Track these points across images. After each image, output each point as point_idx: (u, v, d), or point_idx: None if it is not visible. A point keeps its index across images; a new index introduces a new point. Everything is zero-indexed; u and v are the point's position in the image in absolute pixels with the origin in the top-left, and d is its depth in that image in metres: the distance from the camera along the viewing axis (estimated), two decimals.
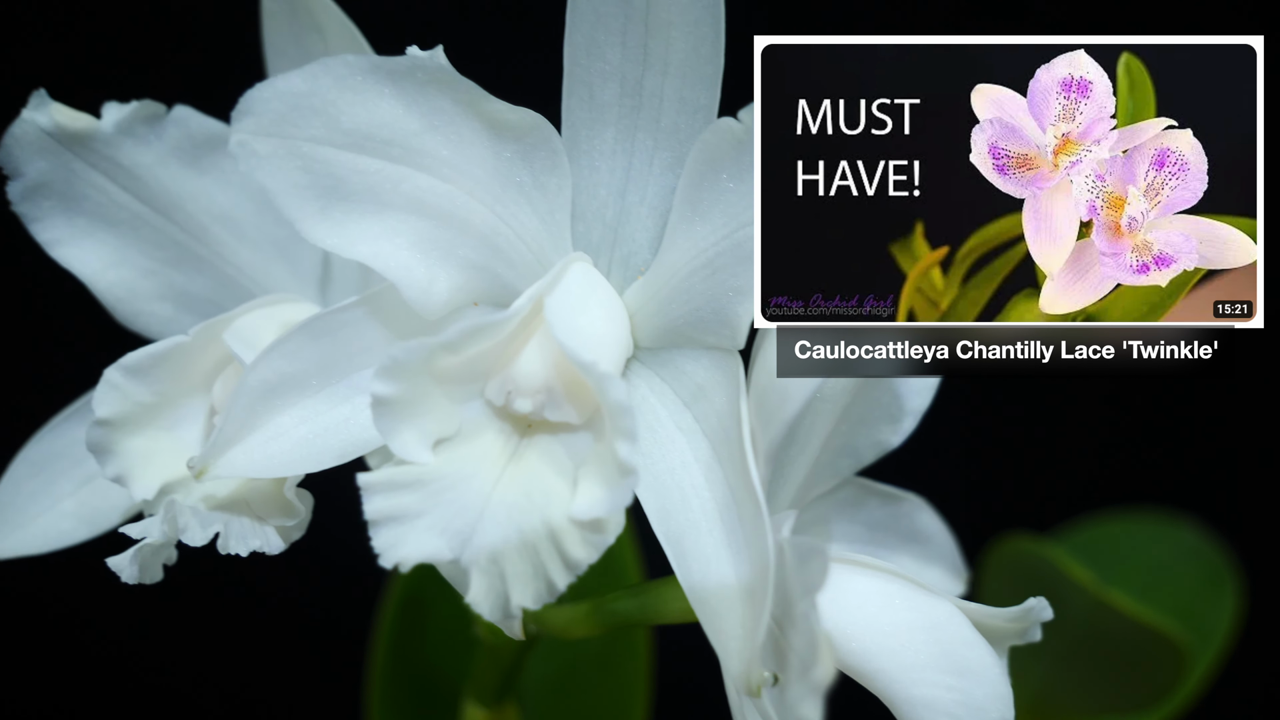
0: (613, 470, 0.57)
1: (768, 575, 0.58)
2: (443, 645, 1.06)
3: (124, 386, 0.67)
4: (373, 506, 0.58)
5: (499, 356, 0.61)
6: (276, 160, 0.59)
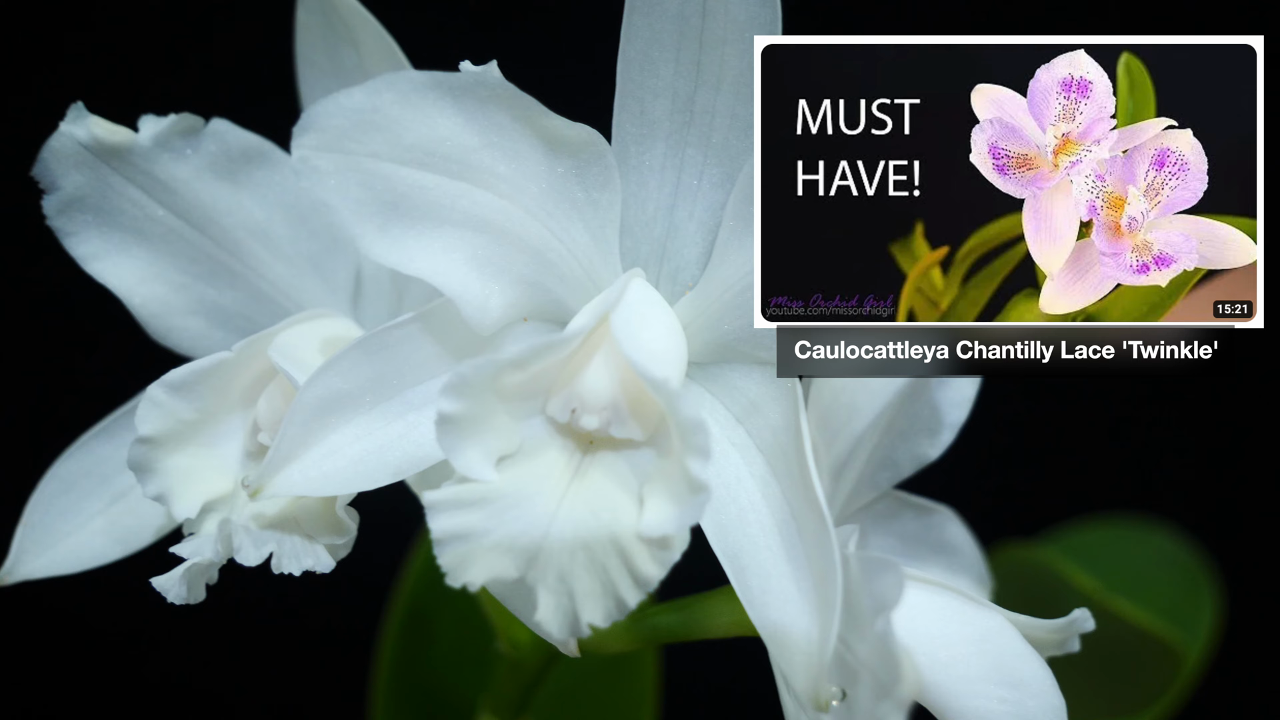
0: (682, 487, 0.57)
1: (835, 591, 0.58)
2: (448, 658, 1.06)
3: (166, 403, 0.66)
4: (438, 525, 0.58)
5: (561, 373, 0.61)
6: (338, 176, 0.59)
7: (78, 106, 0.68)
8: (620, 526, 0.58)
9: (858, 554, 0.58)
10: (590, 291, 0.65)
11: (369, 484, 0.62)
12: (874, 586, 0.56)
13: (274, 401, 0.67)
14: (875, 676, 0.55)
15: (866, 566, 0.57)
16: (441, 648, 1.06)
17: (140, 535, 0.72)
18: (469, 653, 1.06)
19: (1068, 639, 0.68)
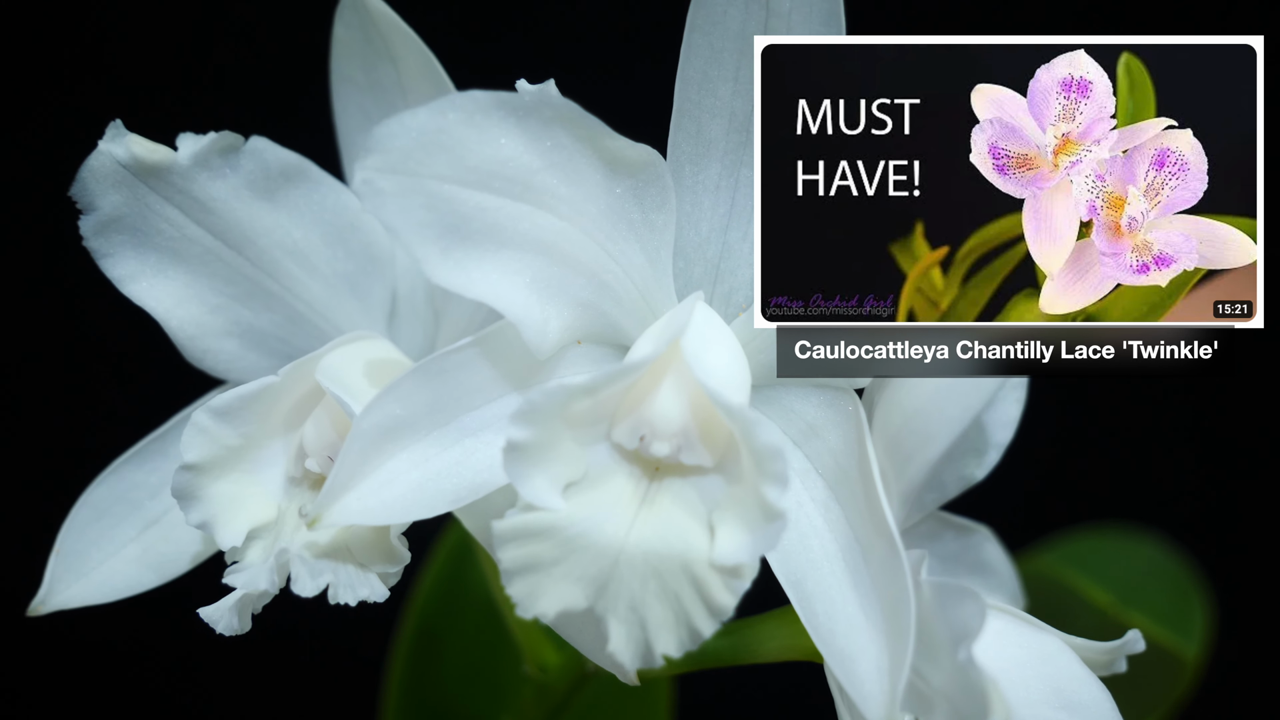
0: (757, 514, 0.56)
1: (908, 619, 0.57)
2: (458, 677, 1.04)
3: (212, 430, 0.65)
4: (508, 556, 0.57)
5: (626, 398, 0.60)
6: (401, 199, 0.58)
7: (116, 125, 0.67)
8: (693, 554, 0.57)
9: (931, 580, 0.57)
10: (645, 314, 0.65)
11: (427, 512, 0.61)
12: (952, 615, 0.56)
13: (322, 427, 0.66)
14: (956, 707, 0.55)
15: (942, 594, 0.57)
16: (452, 667, 1.04)
17: (176, 563, 0.71)
18: (480, 672, 1.05)
19: (1115, 660, 0.68)
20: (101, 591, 0.70)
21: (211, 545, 0.71)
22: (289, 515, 0.66)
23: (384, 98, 0.73)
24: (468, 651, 1.04)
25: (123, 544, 0.71)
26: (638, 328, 0.65)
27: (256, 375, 0.72)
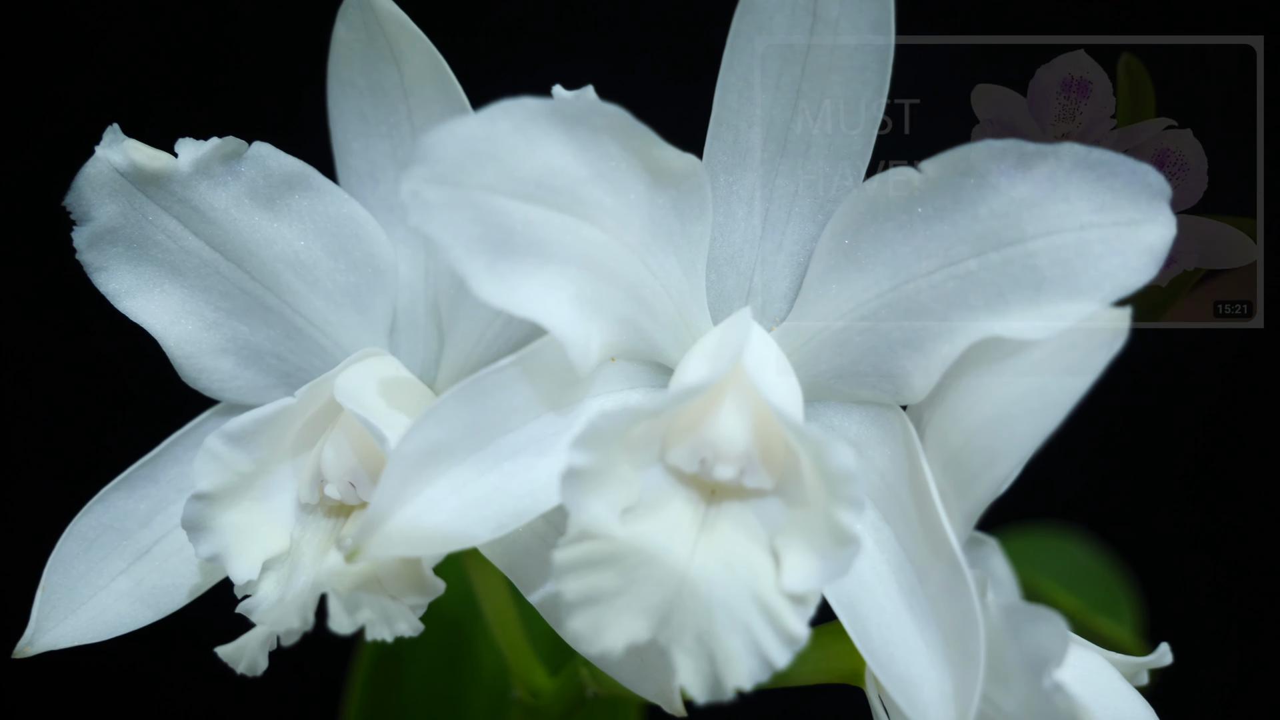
0: (826, 539, 0.54)
1: (976, 644, 0.56)
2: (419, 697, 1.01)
3: (225, 456, 0.61)
4: (570, 588, 0.54)
5: (681, 420, 0.57)
6: (449, 211, 0.54)
7: (114, 129, 0.62)
8: (760, 582, 0.55)
9: (1000, 603, 0.56)
10: (680, 329, 0.62)
11: (469, 540, 0.58)
12: (1026, 639, 0.54)
13: (341, 451, 0.62)
14: None
15: (1014, 617, 0.55)
16: (413, 689, 1.01)
17: (172, 596, 0.66)
18: (442, 694, 1.01)
19: (1139, 673, 0.68)
20: (93, 629, 0.66)
21: (212, 578, 0.67)
22: (304, 545, 0.62)
23: (384, 101, 0.69)
24: (429, 673, 1.01)
25: (112, 577, 0.67)
26: (673, 343, 0.62)
27: (252, 394, 0.68)
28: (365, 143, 0.70)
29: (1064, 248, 0.57)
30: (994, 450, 0.56)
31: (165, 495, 0.68)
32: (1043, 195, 0.57)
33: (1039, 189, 0.57)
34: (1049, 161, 0.57)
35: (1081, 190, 0.57)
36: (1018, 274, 0.58)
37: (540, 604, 0.65)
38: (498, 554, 0.65)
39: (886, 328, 0.61)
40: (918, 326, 0.60)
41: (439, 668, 1.01)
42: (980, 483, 0.57)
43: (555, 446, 0.60)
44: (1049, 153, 0.57)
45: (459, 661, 1.02)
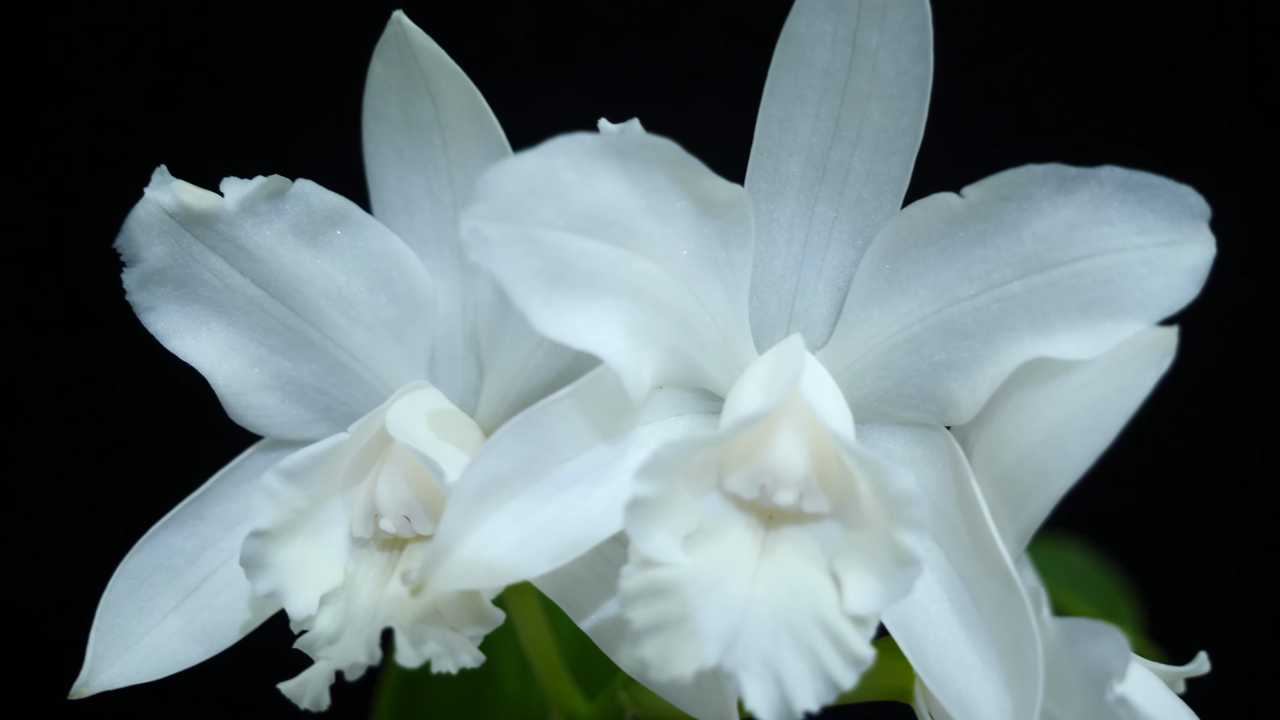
0: (888, 561, 0.55)
1: (1034, 659, 0.57)
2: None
3: (282, 493, 0.61)
4: (638, 616, 0.55)
5: (738, 447, 0.58)
6: (508, 247, 0.55)
7: (161, 170, 0.63)
8: (824, 605, 0.56)
9: (1056, 619, 0.57)
10: (726, 357, 0.63)
11: (530, 571, 0.58)
12: (1086, 653, 0.55)
13: (395, 484, 0.63)
14: None
15: (1072, 632, 0.56)
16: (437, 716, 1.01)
17: (225, 633, 0.67)
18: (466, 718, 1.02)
19: (1177, 681, 0.69)
20: (147, 668, 0.66)
21: (263, 613, 0.67)
22: (360, 579, 0.63)
23: (420, 135, 0.70)
24: (455, 698, 1.01)
25: (163, 615, 0.67)
26: (719, 370, 0.63)
27: (295, 429, 0.68)
28: (400, 177, 0.70)
29: (1108, 269, 0.58)
30: (1046, 470, 0.57)
31: (212, 532, 0.68)
32: (1085, 218, 0.58)
33: (1081, 211, 0.58)
34: (1091, 185, 0.58)
35: (1123, 212, 0.58)
36: (1062, 296, 0.59)
37: (593, 631, 0.65)
38: (548, 582, 0.65)
39: (929, 351, 0.62)
40: (962, 349, 0.61)
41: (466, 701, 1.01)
42: (1032, 501, 0.58)
43: (609, 476, 0.60)
44: (1091, 176, 0.58)
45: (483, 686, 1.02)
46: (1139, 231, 0.58)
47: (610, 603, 0.66)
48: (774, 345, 0.65)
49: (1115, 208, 0.58)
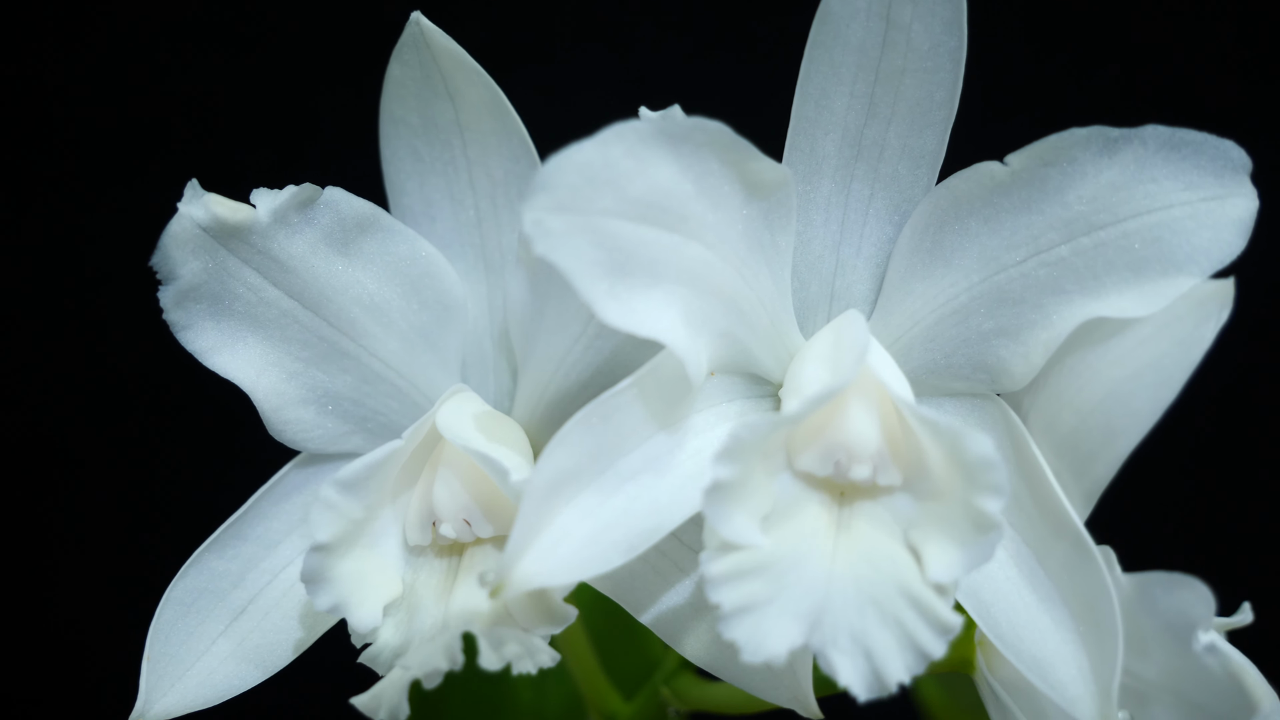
0: (966, 528, 0.56)
1: (1112, 618, 0.57)
2: None
3: (340, 504, 0.60)
4: (725, 598, 0.54)
5: (807, 425, 0.58)
6: (571, 237, 0.55)
7: (193, 185, 0.61)
8: (906, 576, 0.56)
9: (1130, 575, 0.57)
10: (774, 339, 0.63)
11: (604, 565, 0.58)
12: (1166, 606, 0.56)
13: (452, 488, 0.62)
14: (1191, 698, 0.55)
15: (1148, 587, 0.57)
16: None
17: (278, 654, 0.65)
18: None
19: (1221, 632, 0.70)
20: (202, 694, 0.64)
21: (315, 631, 0.66)
22: (421, 587, 0.62)
23: (438, 138, 0.69)
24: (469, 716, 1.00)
25: (213, 640, 0.65)
26: (768, 353, 0.63)
27: (331, 443, 0.67)
28: (420, 181, 0.70)
29: (1156, 227, 0.59)
30: (1112, 428, 0.58)
31: (255, 553, 0.67)
32: (1130, 178, 0.59)
33: (1126, 172, 0.59)
34: (1134, 144, 0.59)
35: (1168, 170, 0.59)
36: (1111, 256, 0.59)
37: (654, 624, 0.65)
38: (603, 580, 0.65)
39: (977, 320, 0.62)
40: (1011, 316, 0.61)
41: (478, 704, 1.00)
42: (1099, 461, 0.58)
43: (671, 465, 0.60)
44: (1134, 136, 0.59)
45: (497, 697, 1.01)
46: (1184, 188, 0.58)
47: (669, 594, 0.65)
48: (818, 325, 0.65)
49: (1160, 166, 0.59)
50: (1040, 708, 0.62)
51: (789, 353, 0.64)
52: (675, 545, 0.65)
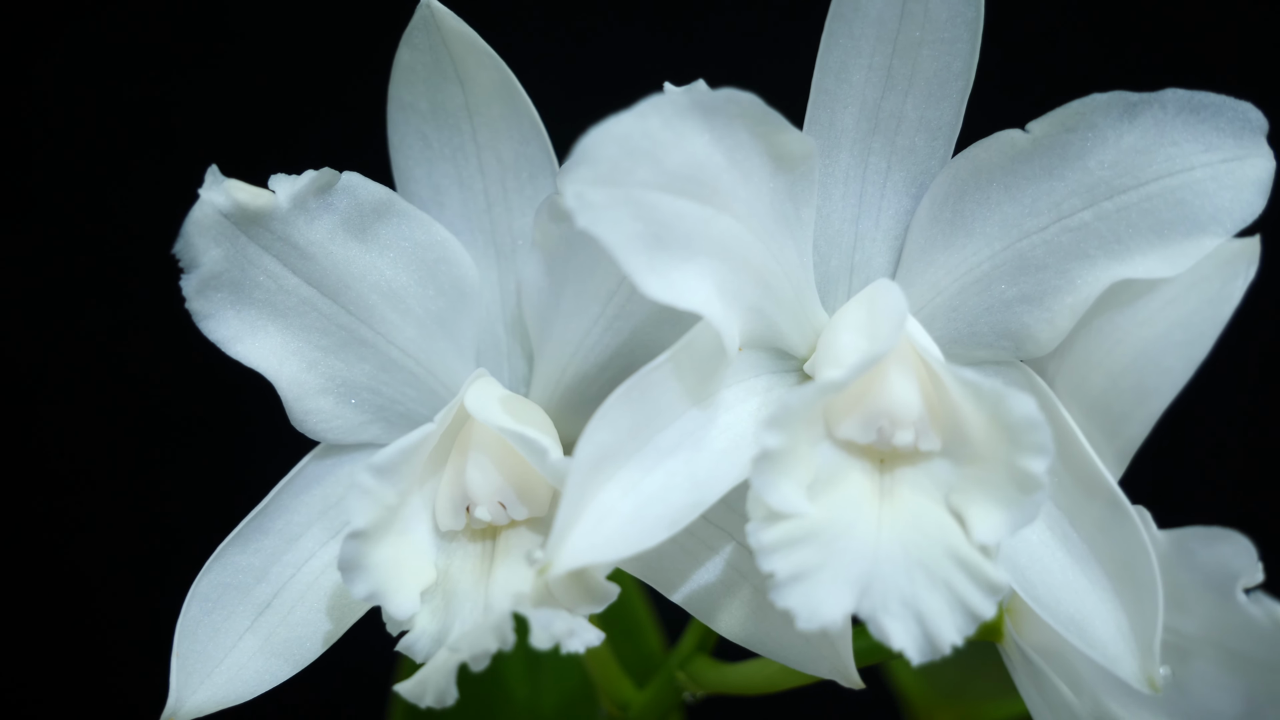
0: (1010, 489, 0.56)
1: (1150, 574, 0.58)
2: None
3: (376, 490, 0.59)
4: (777, 567, 0.55)
5: (846, 395, 0.58)
6: (612, 210, 0.54)
7: (213, 171, 0.60)
8: (952, 539, 0.56)
9: (1166, 531, 0.58)
10: (799, 312, 0.63)
11: (648, 541, 0.57)
12: (1205, 560, 0.57)
13: (486, 471, 0.61)
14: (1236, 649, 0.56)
15: (1186, 542, 0.58)
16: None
17: (307, 647, 0.64)
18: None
19: None
20: (233, 690, 0.63)
21: (343, 623, 0.65)
22: (456, 572, 0.61)
23: (447, 123, 0.68)
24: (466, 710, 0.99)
25: (239, 636, 0.64)
26: (793, 328, 0.63)
27: (349, 433, 0.67)
28: (429, 168, 0.69)
29: (1178, 189, 0.60)
30: (1145, 387, 0.58)
31: (277, 546, 0.66)
32: (1151, 141, 0.60)
33: (1146, 136, 0.60)
34: (1154, 108, 0.60)
35: (1187, 133, 0.60)
36: (1134, 219, 0.60)
37: (686, 602, 0.65)
38: (633, 562, 0.64)
39: (1001, 288, 0.63)
40: (1034, 282, 0.62)
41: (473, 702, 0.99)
42: (1132, 420, 0.59)
43: (706, 440, 0.60)
44: (1154, 100, 0.60)
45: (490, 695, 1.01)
46: (1204, 150, 0.59)
47: (700, 573, 0.65)
48: (839, 299, 0.65)
49: (1180, 129, 0.60)
50: (1075, 671, 0.62)
51: (812, 327, 0.64)
52: (703, 524, 0.64)
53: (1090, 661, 0.61)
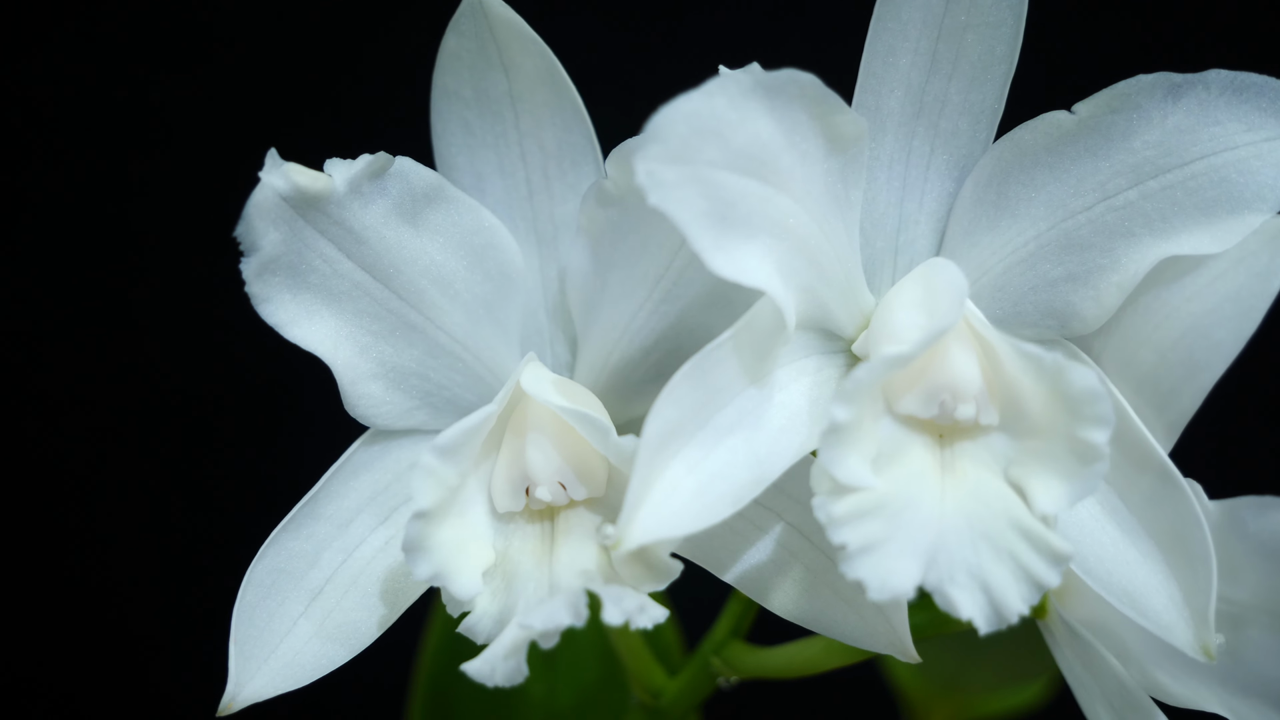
0: (1070, 461, 0.57)
1: (1203, 545, 0.59)
2: None
3: (439, 471, 0.59)
4: (848, 538, 0.55)
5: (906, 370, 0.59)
6: (682, 188, 0.55)
7: (273, 154, 0.60)
8: (1015, 511, 0.57)
9: (1217, 502, 0.59)
10: (848, 294, 0.64)
11: (713, 517, 0.58)
12: (1257, 528, 0.58)
13: (545, 451, 0.62)
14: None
15: (1237, 511, 0.59)
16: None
17: (362, 631, 0.64)
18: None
19: None
20: (291, 675, 0.63)
21: (398, 607, 0.65)
22: (516, 553, 0.62)
23: (490, 109, 0.69)
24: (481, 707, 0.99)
25: (294, 621, 0.64)
26: (841, 309, 0.64)
27: (397, 419, 0.67)
28: (471, 155, 0.69)
29: (1222, 167, 0.61)
30: (1195, 361, 0.60)
31: (328, 532, 0.66)
32: (1194, 121, 0.61)
33: (1190, 115, 0.61)
34: (1198, 89, 0.61)
35: (1230, 113, 0.61)
36: (1179, 198, 0.62)
37: (738, 581, 0.65)
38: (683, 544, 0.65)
39: (1046, 268, 0.64)
40: (1080, 261, 0.63)
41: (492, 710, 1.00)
42: (1183, 394, 0.60)
43: (764, 419, 0.61)
44: (1198, 81, 0.61)
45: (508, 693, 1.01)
46: (1247, 129, 0.61)
47: (751, 553, 0.66)
48: (884, 281, 0.66)
49: (1223, 109, 0.61)
50: (1123, 644, 0.63)
51: (860, 308, 0.65)
52: (752, 505, 0.65)
53: (1138, 634, 0.62)
